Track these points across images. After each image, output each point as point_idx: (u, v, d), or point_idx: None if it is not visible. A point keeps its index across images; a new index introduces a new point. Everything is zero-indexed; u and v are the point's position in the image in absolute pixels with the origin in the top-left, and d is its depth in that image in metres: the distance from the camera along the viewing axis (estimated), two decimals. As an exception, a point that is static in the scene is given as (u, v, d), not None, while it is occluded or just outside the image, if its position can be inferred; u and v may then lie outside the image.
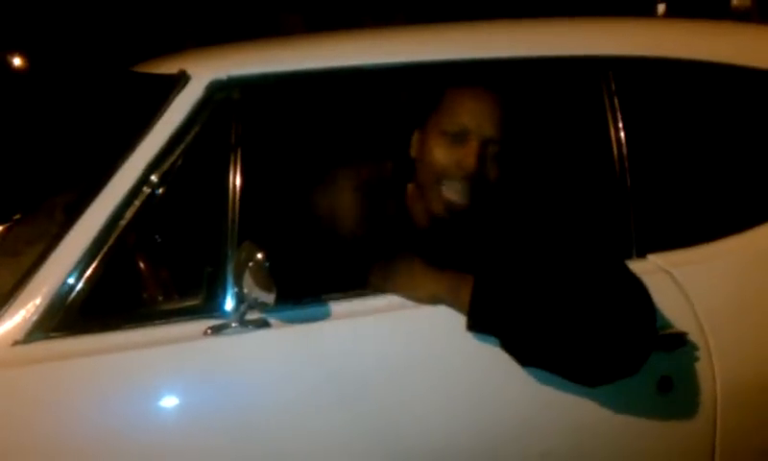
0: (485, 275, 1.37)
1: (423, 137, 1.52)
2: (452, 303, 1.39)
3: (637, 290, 1.34)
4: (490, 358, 1.38)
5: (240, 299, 1.31)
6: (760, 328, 1.56)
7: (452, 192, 1.46)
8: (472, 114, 1.45)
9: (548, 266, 1.36)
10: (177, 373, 1.34)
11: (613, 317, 1.29)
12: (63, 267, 1.32)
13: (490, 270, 1.38)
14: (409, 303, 1.42)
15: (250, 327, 1.35)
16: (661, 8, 7.06)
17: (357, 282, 1.47)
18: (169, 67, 1.52)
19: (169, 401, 1.33)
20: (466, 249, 1.47)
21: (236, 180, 1.38)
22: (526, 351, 1.34)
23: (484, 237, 1.48)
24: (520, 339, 1.33)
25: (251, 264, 1.24)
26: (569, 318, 1.29)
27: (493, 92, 1.48)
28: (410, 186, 1.59)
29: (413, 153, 1.55)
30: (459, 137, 1.45)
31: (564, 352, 1.30)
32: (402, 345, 1.41)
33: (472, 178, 1.44)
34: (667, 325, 1.47)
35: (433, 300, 1.40)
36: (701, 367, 1.49)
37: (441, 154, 1.47)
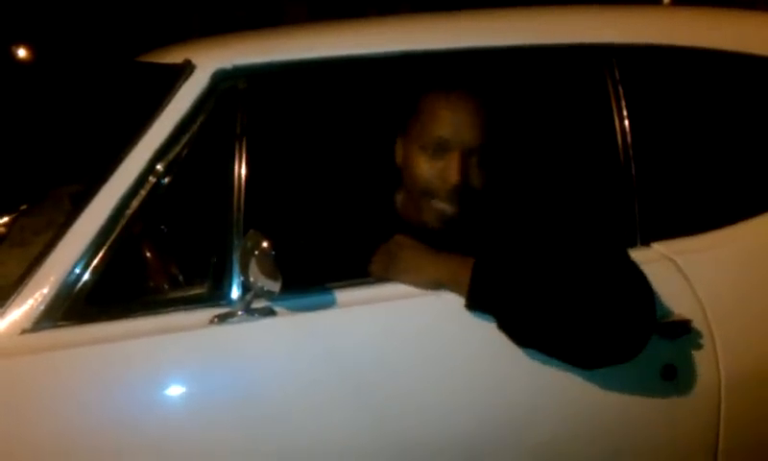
0: (485, 256, 1.38)
1: (405, 147, 1.49)
2: (453, 286, 1.39)
3: (636, 275, 1.34)
4: (493, 348, 1.39)
5: (246, 287, 1.32)
6: (764, 317, 1.56)
7: (441, 206, 1.44)
8: (450, 125, 1.40)
9: (548, 249, 1.36)
10: (183, 361, 1.35)
11: (612, 300, 1.29)
12: (71, 256, 1.33)
13: (490, 252, 1.38)
14: (414, 291, 1.42)
15: (255, 315, 1.36)
16: (667, -4, 7.03)
17: (360, 271, 1.48)
18: (174, 57, 1.53)
19: (175, 390, 1.34)
20: (463, 248, 1.46)
21: (241, 169, 1.39)
22: (523, 332, 1.34)
23: (483, 229, 1.48)
24: (517, 319, 1.33)
25: (256, 253, 1.25)
26: (567, 299, 1.29)
27: (472, 95, 1.42)
28: (398, 197, 1.56)
29: (398, 160, 1.52)
30: (439, 150, 1.42)
31: (560, 334, 1.30)
32: (407, 334, 1.41)
33: (459, 188, 1.41)
34: (671, 312, 1.48)
35: (434, 284, 1.41)
36: (704, 355, 1.50)
37: (423, 168, 1.43)
